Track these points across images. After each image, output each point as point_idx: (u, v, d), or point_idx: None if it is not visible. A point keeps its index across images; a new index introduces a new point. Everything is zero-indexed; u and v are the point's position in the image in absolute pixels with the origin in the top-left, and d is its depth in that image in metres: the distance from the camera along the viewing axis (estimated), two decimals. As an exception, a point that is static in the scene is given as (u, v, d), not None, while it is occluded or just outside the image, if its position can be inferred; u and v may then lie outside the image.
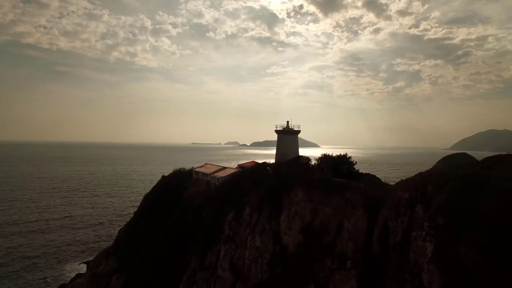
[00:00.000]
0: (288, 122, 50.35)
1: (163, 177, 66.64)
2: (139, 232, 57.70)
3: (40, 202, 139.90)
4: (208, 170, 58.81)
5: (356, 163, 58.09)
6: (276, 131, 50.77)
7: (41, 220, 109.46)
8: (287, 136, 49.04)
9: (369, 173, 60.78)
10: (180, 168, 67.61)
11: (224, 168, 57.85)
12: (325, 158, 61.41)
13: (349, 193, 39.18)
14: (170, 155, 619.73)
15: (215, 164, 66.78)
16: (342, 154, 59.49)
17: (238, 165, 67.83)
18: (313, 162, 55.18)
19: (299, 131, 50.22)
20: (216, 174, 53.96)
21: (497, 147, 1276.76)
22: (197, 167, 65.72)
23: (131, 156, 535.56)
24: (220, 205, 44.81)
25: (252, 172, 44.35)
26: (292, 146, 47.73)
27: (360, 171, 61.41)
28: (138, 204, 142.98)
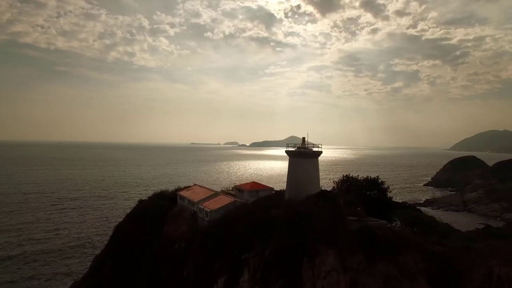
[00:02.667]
0: (304, 138, 35.92)
1: (140, 202, 52.70)
2: (105, 278, 44.00)
3: (20, 215, 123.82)
4: (195, 196, 44.99)
5: (389, 189, 44.26)
6: (288, 153, 36.17)
7: (13, 244, 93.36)
8: (304, 161, 34.19)
9: (406, 202, 46.65)
10: (161, 191, 53.74)
11: (216, 194, 44.00)
12: (348, 182, 47.54)
13: (402, 255, 25.39)
14: (168, 155, 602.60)
15: (205, 186, 52.74)
16: (371, 177, 45.88)
17: (234, 186, 54.16)
18: (331, 184, 41.60)
19: (320, 153, 35.97)
20: (204, 204, 40.20)
21: (498, 148, 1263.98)
22: (183, 189, 51.78)
23: (128, 157, 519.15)
24: (207, 259, 31.09)
25: (253, 213, 30.55)
26: (311, 174, 33.22)
27: (393, 198, 47.67)
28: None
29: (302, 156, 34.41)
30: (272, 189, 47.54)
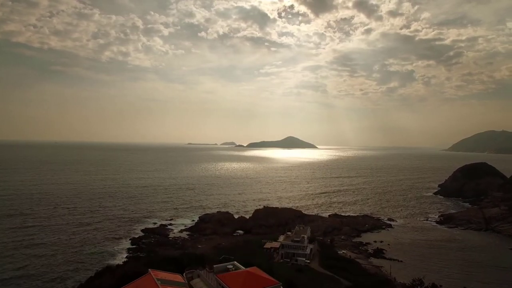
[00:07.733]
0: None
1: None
2: None
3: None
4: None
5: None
6: None
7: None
8: None
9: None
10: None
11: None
12: None
13: None
14: (163, 157, 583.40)
15: (167, 278, 33.31)
16: None
17: (216, 274, 36.42)
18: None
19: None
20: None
21: (497, 149, 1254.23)
22: (133, 282, 33.07)
23: (122, 160, 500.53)
24: None
25: None
26: None
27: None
28: (109, 244, 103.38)
29: None
30: (279, 285, 30.30)
